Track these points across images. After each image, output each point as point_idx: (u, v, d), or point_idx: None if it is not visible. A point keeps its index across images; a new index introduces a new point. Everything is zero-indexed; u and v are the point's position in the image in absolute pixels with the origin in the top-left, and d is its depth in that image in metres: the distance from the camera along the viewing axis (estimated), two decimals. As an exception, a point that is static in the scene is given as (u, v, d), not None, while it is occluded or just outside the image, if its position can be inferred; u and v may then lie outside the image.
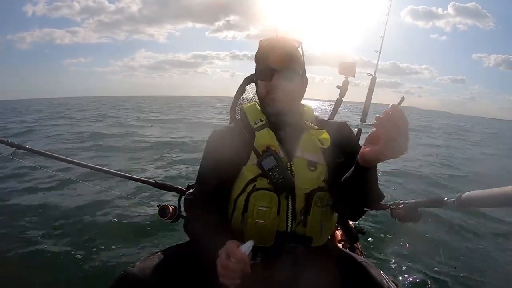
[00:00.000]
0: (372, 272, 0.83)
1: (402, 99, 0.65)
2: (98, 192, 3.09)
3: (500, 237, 2.65)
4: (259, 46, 0.93)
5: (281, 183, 0.82)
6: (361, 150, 0.69)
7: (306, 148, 0.88)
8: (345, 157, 0.85)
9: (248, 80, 1.22)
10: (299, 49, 0.94)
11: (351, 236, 1.36)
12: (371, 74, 1.80)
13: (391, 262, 2.14)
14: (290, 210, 0.84)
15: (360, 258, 0.92)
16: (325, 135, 0.89)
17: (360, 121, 1.75)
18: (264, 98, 0.91)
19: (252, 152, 0.87)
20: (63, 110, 20.35)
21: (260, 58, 0.92)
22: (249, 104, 1.01)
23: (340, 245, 1.34)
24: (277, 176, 0.82)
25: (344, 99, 1.68)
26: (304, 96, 0.97)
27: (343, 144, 0.90)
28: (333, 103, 1.71)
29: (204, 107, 25.53)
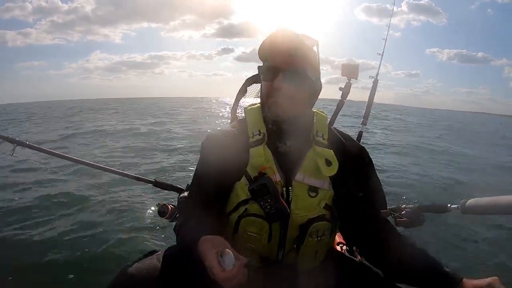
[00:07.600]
0: (371, 275, 0.82)
1: None
2: (97, 189, 3.07)
3: (502, 243, 2.62)
4: (263, 41, 0.80)
5: (273, 214, 0.74)
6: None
7: (309, 170, 0.78)
8: (358, 188, 0.81)
9: (250, 81, 1.08)
10: (314, 48, 0.81)
11: (350, 238, 1.35)
12: (373, 77, 1.79)
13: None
14: (282, 238, 0.78)
15: (359, 261, 0.92)
16: (333, 157, 0.78)
17: (362, 123, 1.74)
18: (265, 101, 0.81)
19: (246, 171, 0.79)
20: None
21: (263, 55, 0.81)
22: (253, 106, 0.90)
23: (338, 248, 1.34)
24: (268, 206, 0.74)
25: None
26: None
27: (358, 174, 0.83)
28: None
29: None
